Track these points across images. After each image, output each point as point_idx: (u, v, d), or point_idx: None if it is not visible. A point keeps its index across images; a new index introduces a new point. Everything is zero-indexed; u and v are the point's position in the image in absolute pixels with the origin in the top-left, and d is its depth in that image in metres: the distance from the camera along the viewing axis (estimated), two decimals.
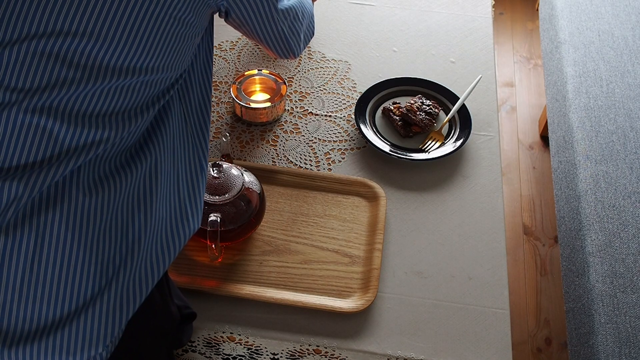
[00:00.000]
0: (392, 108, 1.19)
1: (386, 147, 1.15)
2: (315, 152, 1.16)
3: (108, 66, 0.65)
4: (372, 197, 1.07)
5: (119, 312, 0.70)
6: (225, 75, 1.29)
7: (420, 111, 1.18)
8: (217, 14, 0.80)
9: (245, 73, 1.21)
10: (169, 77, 0.72)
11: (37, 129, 0.64)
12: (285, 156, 1.15)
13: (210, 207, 0.94)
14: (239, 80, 1.20)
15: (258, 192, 0.98)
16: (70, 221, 0.66)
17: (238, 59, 1.32)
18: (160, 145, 0.74)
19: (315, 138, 1.18)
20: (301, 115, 1.22)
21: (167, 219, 0.75)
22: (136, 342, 0.80)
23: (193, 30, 0.71)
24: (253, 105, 1.17)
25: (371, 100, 1.22)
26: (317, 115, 1.22)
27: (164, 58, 0.69)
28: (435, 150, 1.15)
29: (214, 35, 1.37)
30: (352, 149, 1.17)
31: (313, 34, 1.00)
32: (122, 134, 0.70)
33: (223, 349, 0.97)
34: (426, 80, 1.26)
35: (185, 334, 0.92)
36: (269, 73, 1.21)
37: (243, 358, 0.98)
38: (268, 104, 1.17)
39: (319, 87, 1.27)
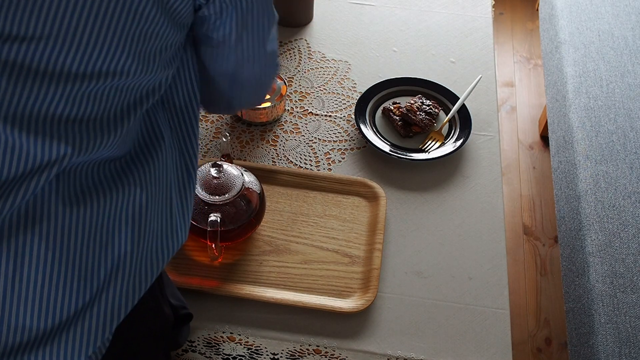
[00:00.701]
0: (392, 108, 1.19)
1: (386, 147, 1.15)
2: (315, 152, 1.16)
3: (70, 71, 0.59)
4: (372, 197, 1.07)
5: (102, 327, 0.67)
6: None
7: (420, 111, 1.18)
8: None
9: None
10: (146, 81, 0.66)
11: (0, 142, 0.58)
12: (285, 156, 1.15)
13: (210, 207, 0.94)
14: None
15: (258, 192, 0.98)
16: (50, 239, 0.63)
17: None
18: (155, 160, 0.70)
19: (315, 138, 1.18)
20: (301, 115, 1.22)
21: (158, 234, 0.72)
22: (128, 345, 0.79)
23: (160, 28, 0.64)
24: None
25: (371, 100, 1.22)
26: (317, 115, 1.22)
27: (133, 60, 0.63)
28: (435, 150, 1.15)
29: None
30: (352, 149, 1.17)
31: (255, 103, 0.87)
32: (95, 145, 0.64)
33: (223, 349, 0.97)
34: (426, 80, 1.26)
35: (181, 335, 0.91)
36: None
37: (243, 358, 0.98)
38: (268, 104, 1.17)
39: (319, 87, 1.27)
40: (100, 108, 0.63)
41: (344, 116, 1.22)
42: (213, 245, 0.93)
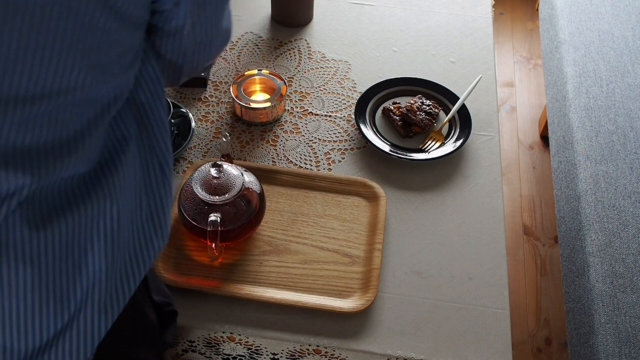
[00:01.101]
0: (392, 108, 1.19)
1: (386, 147, 1.15)
2: (315, 152, 1.16)
3: (17, 95, 0.53)
4: (372, 197, 1.07)
5: (83, 345, 0.65)
6: (225, 75, 1.29)
7: (420, 111, 1.18)
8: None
9: (245, 73, 1.21)
10: (105, 90, 0.60)
11: None
12: (285, 156, 1.15)
13: (210, 207, 0.94)
14: (238, 80, 1.20)
15: (258, 192, 0.98)
16: (20, 265, 0.59)
17: (238, 59, 1.32)
18: (123, 164, 0.66)
19: (315, 138, 1.18)
20: (301, 115, 1.22)
21: (132, 245, 0.68)
22: (113, 356, 0.77)
23: (115, 35, 0.57)
24: (253, 105, 1.17)
25: (371, 100, 1.22)
26: (317, 115, 1.22)
27: (87, 73, 0.56)
28: (435, 150, 1.15)
29: None
30: (352, 149, 1.17)
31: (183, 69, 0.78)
32: (56, 169, 0.60)
33: (223, 349, 0.97)
34: (426, 80, 1.26)
35: (168, 334, 0.89)
36: (269, 73, 1.21)
37: (243, 358, 0.98)
38: (268, 104, 1.17)
39: (319, 87, 1.27)
40: (58, 129, 0.58)
41: (344, 116, 1.22)
42: (213, 245, 0.93)
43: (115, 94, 0.62)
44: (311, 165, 1.14)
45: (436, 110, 1.19)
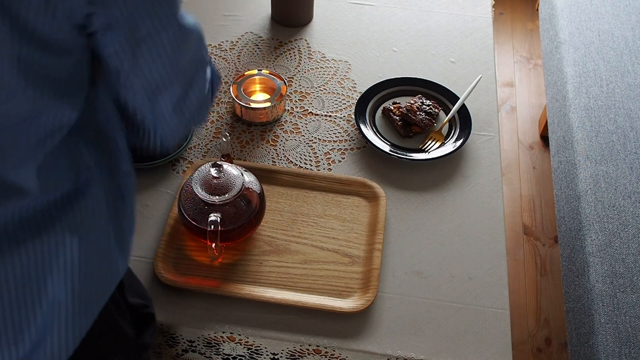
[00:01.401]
0: (392, 108, 1.19)
1: (386, 147, 1.15)
2: (315, 152, 1.16)
3: None
4: (372, 197, 1.07)
5: None
6: (225, 75, 1.29)
7: (420, 111, 1.18)
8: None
9: (245, 73, 1.21)
10: (47, 119, 0.57)
11: None
12: (285, 156, 1.15)
13: (210, 207, 0.94)
14: (238, 80, 1.20)
15: (258, 192, 0.98)
16: None
17: (238, 59, 1.32)
18: (85, 195, 0.63)
19: (315, 138, 1.18)
20: (301, 115, 1.22)
21: (95, 273, 0.65)
22: None
23: (40, 61, 0.53)
24: (253, 105, 1.17)
25: (371, 100, 1.22)
26: (317, 115, 1.22)
27: (9, 97, 0.53)
28: (435, 150, 1.15)
29: (214, 35, 1.37)
30: (352, 149, 1.17)
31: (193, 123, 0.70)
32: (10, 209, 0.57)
33: (223, 349, 0.97)
34: (426, 80, 1.26)
35: (147, 335, 0.87)
36: (269, 73, 1.21)
37: (243, 358, 0.98)
38: (268, 104, 1.17)
39: (319, 87, 1.27)
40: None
41: (344, 116, 1.22)
42: (213, 245, 0.93)
43: (62, 122, 0.58)
44: (311, 165, 1.14)
45: (436, 110, 1.19)
